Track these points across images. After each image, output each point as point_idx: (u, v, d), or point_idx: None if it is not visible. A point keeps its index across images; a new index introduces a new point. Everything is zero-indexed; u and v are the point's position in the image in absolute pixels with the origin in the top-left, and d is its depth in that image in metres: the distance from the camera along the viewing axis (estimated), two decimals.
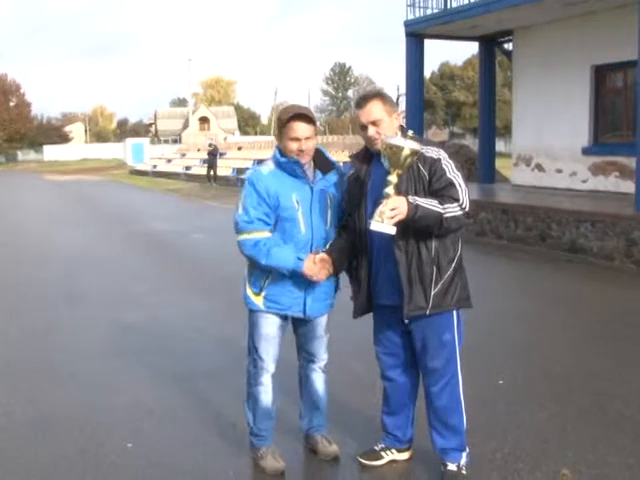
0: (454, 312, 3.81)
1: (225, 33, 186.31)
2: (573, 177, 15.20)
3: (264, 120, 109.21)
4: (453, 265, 3.73)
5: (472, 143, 42.97)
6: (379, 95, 3.78)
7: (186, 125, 78.35)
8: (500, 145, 40.03)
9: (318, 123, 4.32)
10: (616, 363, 6.04)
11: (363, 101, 3.76)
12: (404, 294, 3.67)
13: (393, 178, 3.54)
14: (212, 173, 32.51)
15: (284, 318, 4.05)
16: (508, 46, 17.84)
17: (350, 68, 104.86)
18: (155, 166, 46.27)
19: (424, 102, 18.42)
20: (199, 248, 13.36)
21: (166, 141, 73.25)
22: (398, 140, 3.52)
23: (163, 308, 8.35)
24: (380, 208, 3.47)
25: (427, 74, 70.94)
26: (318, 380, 4.21)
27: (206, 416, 4.99)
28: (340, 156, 28.18)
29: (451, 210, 3.54)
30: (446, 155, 3.65)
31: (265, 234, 3.85)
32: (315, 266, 3.78)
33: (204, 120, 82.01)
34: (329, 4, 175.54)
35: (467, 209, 3.59)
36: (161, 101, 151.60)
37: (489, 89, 18.02)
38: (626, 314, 7.80)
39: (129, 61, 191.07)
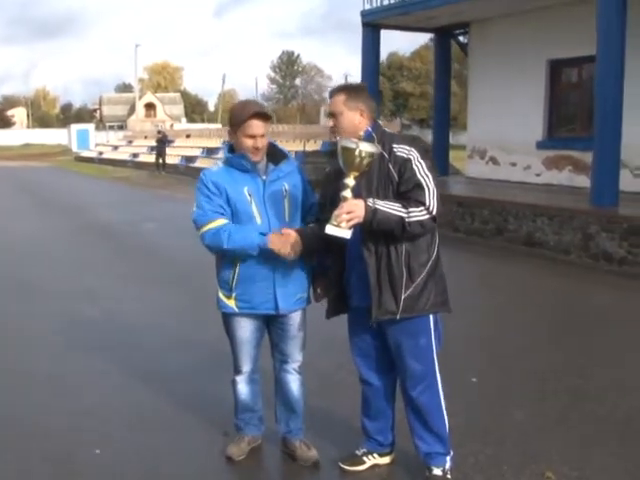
0: (430, 316, 3.68)
1: (176, 19, 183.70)
2: (527, 170, 15.32)
3: (211, 107, 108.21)
4: (427, 269, 3.59)
5: (419, 134, 43.27)
6: (345, 89, 3.72)
7: (132, 111, 76.95)
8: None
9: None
10: (583, 359, 6.04)
11: (332, 92, 3.74)
12: (372, 297, 3.56)
13: (350, 181, 3.44)
14: (161, 161, 31.99)
15: (259, 319, 3.92)
16: (463, 39, 17.89)
17: (298, 56, 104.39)
18: (101, 153, 45.35)
19: (376, 94, 18.32)
20: (152, 238, 13.04)
21: (111, 127, 71.68)
22: (351, 142, 3.41)
23: (120, 301, 8.08)
24: (336, 212, 3.38)
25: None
26: (293, 382, 4.06)
27: (177, 419, 4.79)
28: (292, 146, 28.04)
29: (416, 214, 3.41)
30: (418, 155, 3.50)
31: (223, 221, 3.75)
32: (280, 238, 3.64)
33: (150, 106, 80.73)
34: None
35: (434, 213, 3.46)
36: (106, 86, 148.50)
37: (444, 81, 18.04)
38: (587, 309, 7.86)
39: (74, 44, 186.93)
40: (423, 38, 77.27)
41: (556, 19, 14.14)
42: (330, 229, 3.39)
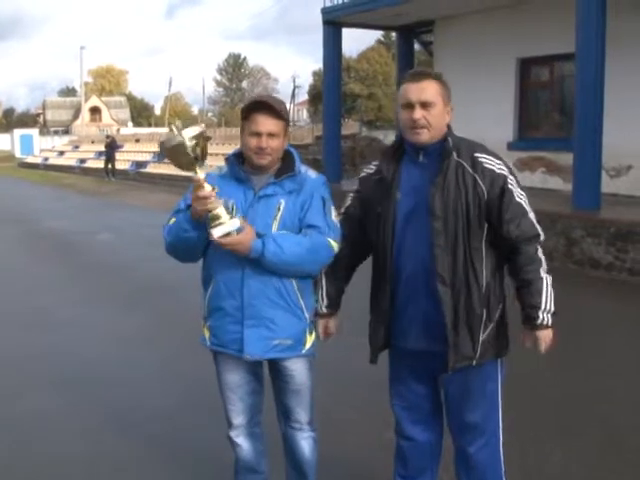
0: (498, 360, 3.04)
1: (123, 21, 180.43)
2: None
3: (157, 111, 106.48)
4: (501, 305, 2.97)
5: (367, 135, 42.91)
6: (437, 77, 2.93)
7: (77, 116, 75.13)
8: None
9: (211, 114, 3.50)
10: (560, 368, 5.64)
11: (419, 75, 2.91)
12: (448, 341, 2.86)
13: (200, 175, 2.88)
14: (110, 167, 30.91)
15: (251, 361, 3.17)
16: (428, 37, 17.44)
17: (245, 59, 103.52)
18: (47, 159, 43.87)
19: (339, 93, 17.71)
20: (109, 251, 12.15)
21: (56, 132, 69.77)
22: (174, 137, 2.82)
23: (80, 326, 7.25)
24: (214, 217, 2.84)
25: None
26: (302, 439, 3.32)
27: (161, 468, 4.07)
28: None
29: (542, 259, 2.91)
30: (508, 169, 2.87)
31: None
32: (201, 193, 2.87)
33: (95, 110, 79.02)
34: None
35: (543, 239, 2.89)
36: (51, 90, 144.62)
37: None
38: (568, 318, 7.36)
39: (18, 47, 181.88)
40: (370, 39, 77.59)
41: (525, 16, 13.72)
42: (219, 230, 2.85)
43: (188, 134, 2.81)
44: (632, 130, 12.04)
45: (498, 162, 2.86)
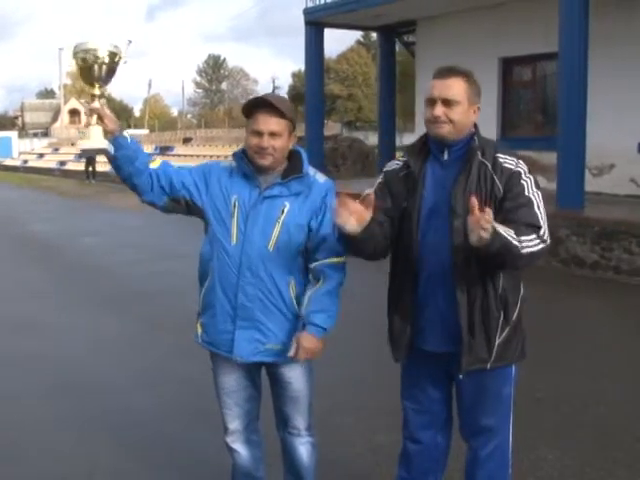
0: (514, 365, 3.00)
1: (103, 23, 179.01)
2: None
3: (137, 113, 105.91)
4: (518, 307, 2.92)
5: (348, 135, 42.90)
6: (465, 74, 2.86)
7: (56, 118, 74.57)
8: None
9: (190, 116, 3.47)
10: (549, 367, 5.65)
11: (446, 72, 2.85)
12: (463, 343, 2.82)
13: (96, 91, 2.89)
14: (91, 169, 30.65)
15: (247, 365, 3.12)
16: (409, 37, 17.45)
17: (224, 60, 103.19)
18: (26, 161, 43.55)
19: (321, 94, 17.67)
20: (92, 254, 11.97)
21: (35, 134, 69.19)
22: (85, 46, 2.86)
23: (64, 330, 7.17)
24: None
25: (302, 67, 70.65)
26: (300, 445, 3.27)
27: (157, 473, 4.01)
28: (229, 150, 27.19)
29: (528, 244, 2.66)
30: (526, 168, 2.81)
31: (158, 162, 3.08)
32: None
33: (75, 113, 78.31)
34: None
35: (548, 242, 2.74)
36: (29, 92, 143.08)
37: (389, 81, 17.57)
38: (554, 316, 7.44)
39: None
40: (349, 40, 77.52)
41: (507, 16, 13.79)
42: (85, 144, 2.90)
43: (104, 46, 2.83)
44: (614, 129, 12.13)
45: (517, 161, 2.82)
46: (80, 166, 32.35)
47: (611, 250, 9.52)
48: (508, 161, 2.81)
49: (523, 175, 2.79)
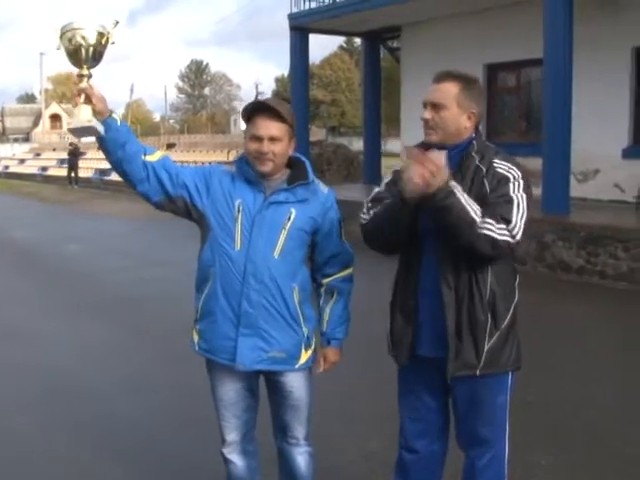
0: (510, 373, 2.96)
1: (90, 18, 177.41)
2: None
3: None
4: (510, 314, 2.88)
5: (331, 141, 42.95)
6: (460, 78, 2.84)
7: (37, 123, 74.06)
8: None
9: (173, 121, 3.41)
10: (538, 373, 5.55)
11: (440, 76, 2.86)
12: (449, 346, 2.79)
13: (85, 71, 2.82)
14: (73, 175, 30.46)
15: (246, 374, 3.06)
16: (393, 43, 17.48)
17: (207, 65, 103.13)
18: (7, 167, 43.14)
19: (306, 99, 17.64)
20: (75, 261, 11.87)
21: (16, 140, 68.70)
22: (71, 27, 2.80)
23: (48, 338, 7.07)
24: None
25: (285, 72, 70.24)
26: (298, 454, 3.22)
27: None
28: (213, 156, 27.10)
29: (491, 228, 2.62)
30: (519, 174, 2.78)
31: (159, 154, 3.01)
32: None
33: (56, 118, 77.82)
34: (200, 1, 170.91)
35: (517, 238, 2.67)
36: (9, 97, 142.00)
37: (374, 87, 17.54)
38: (541, 320, 7.41)
39: None
40: (332, 45, 77.68)
41: (492, 22, 13.82)
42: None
43: (92, 27, 2.79)
44: (599, 134, 12.19)
45: (510, 166, 2.80)
46: (62, 172, 32.11)
47: (597, 255, 9.55)
48: (501, 166, 2.79)
49: (512, 179, 2.76)
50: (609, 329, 7.33)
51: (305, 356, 3.07)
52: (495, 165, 2.79)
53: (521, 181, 2.77)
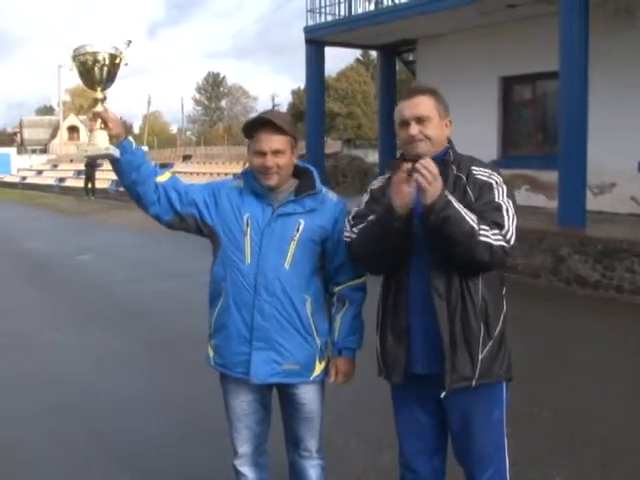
0: (504, 383, 2.93)
1: (102, 39, 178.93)
2: None
3: (136, 129, 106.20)
4: (501, 322, 2.86)
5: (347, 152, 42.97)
6: (431, 92, 2.90)
7: (54, 134, 74.69)
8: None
9: (189, 133, 3.44)
10: (551, 387, 5.57)
11: (411, 92, 2.91)
12: (445, 359, 2.75)
13: (99, 95, 2.86)
14: (90, 186, 30.63)
15: (260, 387, 3.05)
16: (410, 56, 17.50)
17: (224, 78, 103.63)
18: (24, 178, 43.54)
19: (322, 112, 17.69)
20: (89, 272, 11.90)
21: (34, 151, 69.26)
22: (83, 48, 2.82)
23: (62, 350, 7.09)
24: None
25: (301, 84, 70.44)
26: (307, 468, 3.20)
27: None
28: (229, 168, 27.18)
29: (487, 234, 2.62)
30: (500, 179, 2.80)
31: (167, 175, 3.06)
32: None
33: (73, 129, 78.47)
34: (219, 14, 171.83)
35: (511, 242, 2.67)
36: (28, 109, 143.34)
37: (390, 100, 17.52)
38: (556, 334, 7.40)
39: None
40: (349, 58, 77.86)
41: (507, 35, 13.80)
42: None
43: (103, 48, 2.81)
44: (615, 147, 12.11)
45: (491, 172, 2.81)
46: (79, 183, 32.31)
47: (613, 269, 9.47)
48: (481, 173, 2.81)
49: (495, 185, 2.78)
50: (626, 344, 7.25)
51: (319, 368, 3.06)
52: (475, 172, 2.81)
53: (504, 186, 2.79)
